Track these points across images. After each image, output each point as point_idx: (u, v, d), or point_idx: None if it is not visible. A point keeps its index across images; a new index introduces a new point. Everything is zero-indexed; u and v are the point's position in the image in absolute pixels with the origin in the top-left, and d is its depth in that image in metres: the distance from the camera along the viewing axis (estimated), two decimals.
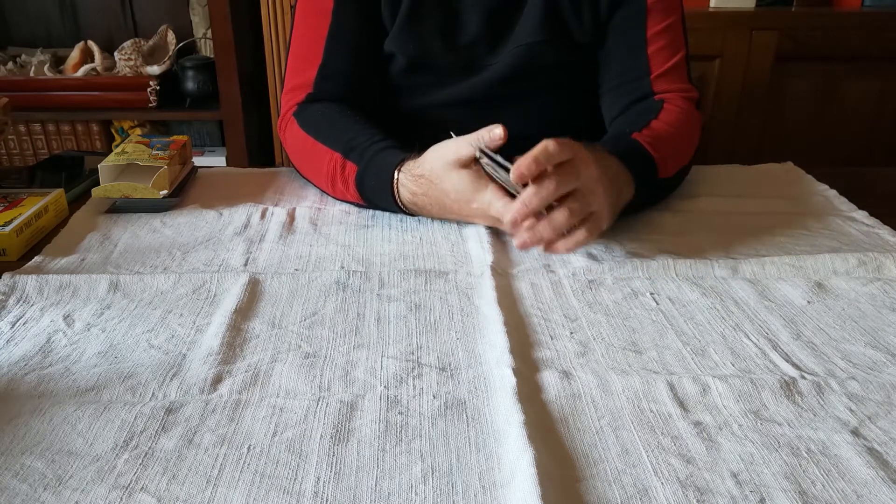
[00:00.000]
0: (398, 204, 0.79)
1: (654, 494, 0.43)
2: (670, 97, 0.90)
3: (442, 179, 0.73)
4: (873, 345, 0.59)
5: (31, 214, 0.77)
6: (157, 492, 0.43)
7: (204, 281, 0.68)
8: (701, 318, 0.63)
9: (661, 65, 0.91)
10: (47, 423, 0.49)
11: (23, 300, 0.65)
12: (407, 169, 0.77)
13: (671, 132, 0.85)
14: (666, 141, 0.83)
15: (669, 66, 0.91)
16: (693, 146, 0.89)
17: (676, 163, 0.85)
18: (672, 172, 0.84)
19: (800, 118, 1.97)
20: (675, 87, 0.91)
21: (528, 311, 0.64)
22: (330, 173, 0.83)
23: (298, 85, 0.92)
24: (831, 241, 0.76)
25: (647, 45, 0.91)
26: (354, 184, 0.81)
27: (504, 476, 0.45)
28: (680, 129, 0.86)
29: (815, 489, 0.44)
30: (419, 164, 0.75)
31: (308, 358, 0.57)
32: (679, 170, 0.86)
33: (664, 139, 0.83)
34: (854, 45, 1.89)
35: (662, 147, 0.81)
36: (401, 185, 0.77)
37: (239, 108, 1.88)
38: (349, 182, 0.81)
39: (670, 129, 0.85)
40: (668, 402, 0.51)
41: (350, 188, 0.82)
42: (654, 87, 0.91)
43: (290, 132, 0.91)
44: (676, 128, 0.86)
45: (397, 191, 0.78)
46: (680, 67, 0.93)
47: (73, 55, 1.94)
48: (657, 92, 0.91)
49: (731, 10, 1.89)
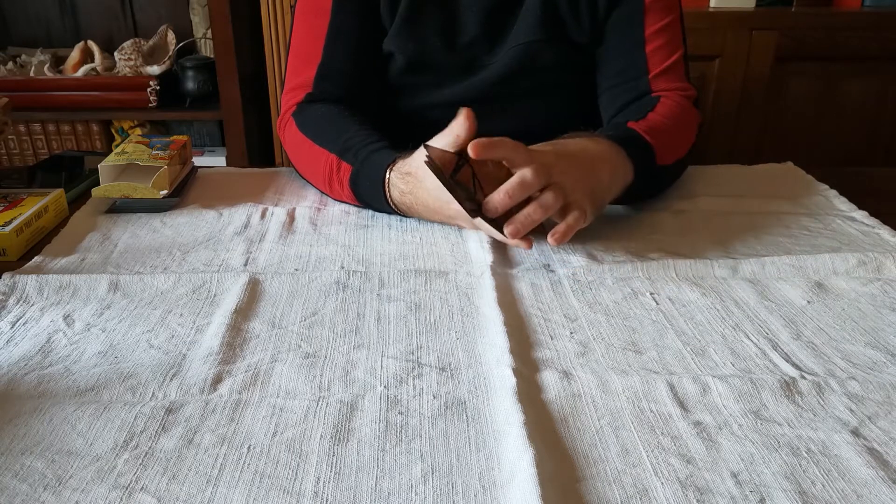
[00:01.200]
0: (390, 204, 0.78)
1: (654, 494, 0.43)
2: (668, 95, 0.90)
3: (425, 178, 0.73)
4: (873, 345, 0.59)
5: (31, 214, 0.77)
6: (157, 492, 0.43)
7: (204, 281, 0.68)
8: (701, 318, 0.63)
9: (660, 63, 0.91)
10: (47, 423, 0.49)
11: (23, 300, 0.65)
12: (397, 167, 0.76)
13: (668, 123, 0.85)
14: (663, 131, 0.83)
15: (667, 64, 0.91)
16: (690, 141, 0.89)
17: (674, 153, 0.85)
18: (670, 161, 0.84)
19: (800, 118, 1.97)
20: (674, 86, 0.91)
21: (528, 311, 0.64)
22: (327, 174, 0.83)
23: (298, 85, 0.92)
24: (831, 241, 0.76)
25: (646, 44, 0.91)
26: (349, 184, 0.81)
27: (504, 476, 0.45)
28: (677, 122, 0.87)
29: (815, 489, 0.44)
30: (408, 162, 0.75)
31: (308, 358, 0.57)
32: (677, 161, 0.86)
33: (661, 129, 0.83)
34: (854, 45, 1.89)
35: (659, 136, 0.81)
36: (391, 184, 0.77)
37: (239, 108, 1.88)
38: (344, 183, 0.82)
39: (667, 121, 0.85)
40: (668, 402, 0.51)
41: (345, 189, 0.82)
42: (653, 85, 0.91)
43: (289, 132, 0.91)
44: (673, 120, 0.86)
45: (389, 190, 0.77)
46: (678, 66, 0.93)
47: (73, 55, 1.94)
48: (655, 90, 0.91)
49: (731, 10, 1.89)
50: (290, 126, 0.91)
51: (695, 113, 0.92)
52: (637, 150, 0.78)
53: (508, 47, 0.93)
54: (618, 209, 0.84)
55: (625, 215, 0.82)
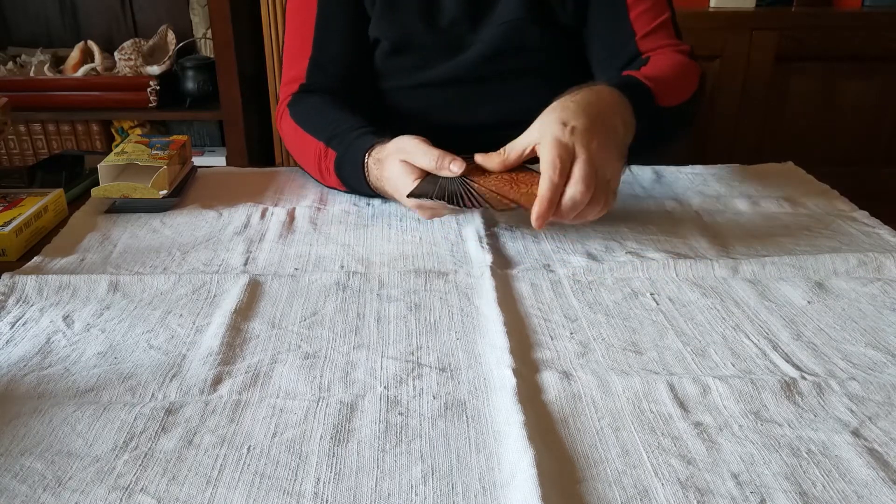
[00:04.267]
0: (370, 187, 0.81)
1: (655, 495, 0.43)
2: (659, 52, 0.90)
3: (386, 166, 0.76)
4: (873, 345, 0.59)
5: (31, 214, 0.77)
6: (157, 493, 0.43)
7: (204, 281, 0.68)
8: (701, 318, 0.63)
9: (646, 26, 0.92)
10: (47, 424, 0.49)
11: (22, 300, 0.65)
12: (374, 153, 0.79)
13: (664, 70, 0.85)
14: (658, 76, 0.82)
15: (654, 26, 0.92)
16: (690, 87, 0.88)
17: (675, 96, 0.83)
18: (673, 103, 0.82)
19: (800, 118, 1.97)
20: (663, 44, 0.91)
21: (528, 311, 0.64)
22: (316, 161, 0.86)
23: (292, 78, 0.96)
24: (831, 241, 0.76)
25: (629, 11, 0.92)
26: (335, 170, 0.84)
27: (504, 477, 0.45)
28: (673, 69, 0.86)
29: (816, 490, 0.44)
30: (383, 149, 0.78)
31: (308, 358, 0.57)
32: (680, 104, 0.84)
33: (656, 75, 0.83)
34: (854, 45, 1.89)
35: (656, 80, 0.81)
36: (369, 168, 0.80)
37: (239, 108, 1.88)
38: (331, 169, 0.85)
39: (662, 68, 0.85)
40: (669, 403, 0.51)
41: (332, 175, 0.85)
42: (641, 47, 0.91)
43: (285, 123, 0.94)
44: (669, 68, 0.86)
45: (368, 175, 0.80)
46: (666, 26, 0.93)
47: (73, 55, 1.94)
48: (645, 51, 0.91)
49: (731, 10, 1.89)
50: (285, 117, 0.94)
51: (692, 63, 0.91)
52: (636, 91, 0.77)
53: (492, 26, 0.95)
54: (619, 208, 0.83)
55: (625, 215, 0.82)
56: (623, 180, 0.93)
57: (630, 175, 0.95)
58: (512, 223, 0.81)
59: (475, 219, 0.81)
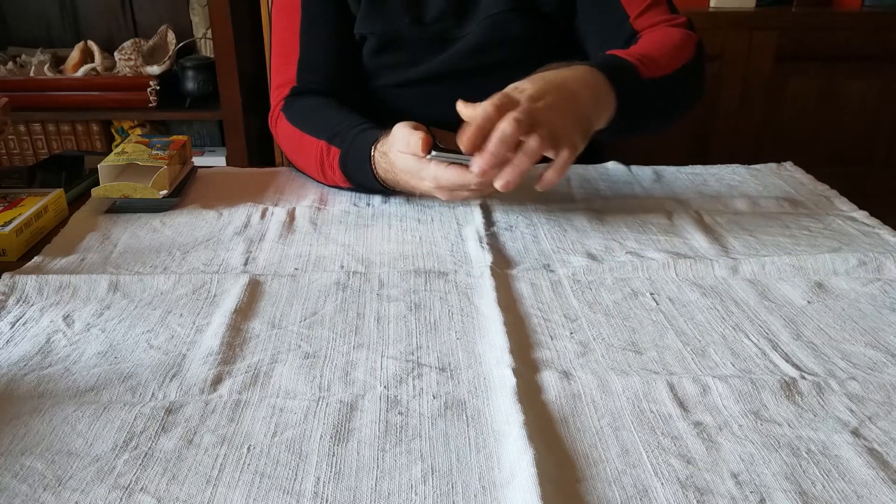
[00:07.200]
0: (378, 181, 0.81)
1: (654, 495, 0.43)
2: (652, 29, 0.90)
3: (397, 157, 0.76)
4: (873, 345, 0.59)
5: (31, 214, 0.77)
6: (157, 492, 0.43)
7: (204, 281, 0.68)
8: (701, 318, 0.63)
9: (638, 6, 0.92)
10: (47, 424, 0.49)
11: (22, 300, 0.65)
12: (379, 146, 0.79)
13: (651, 44, 0.85)
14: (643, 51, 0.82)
15: (647, 4, 0.92)
16: (684, 52, 0.87)
17: (663, 66, 0.83)
18: (660, 73, 0.82)
19: (800, 118, 1.97)
20: (658, 20, 0.91)
21: (527, 311, 0.64)
22: (318, 161, 0.86)
23: (283, 81, 0.96)
24: (831, 241, 0.76)
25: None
26: (339, 167, 0.84)
27: (504, 476, 0.45)
28: (663, 41, 0.86)
29: (816, 490, 0.44)
30: (385, 142, 0.78)
31: (308, 358, 0.57)
32: (671, 73, 0.83)
33: (640, 51, 0.82)
34: (854, 45, 1.89)
35: (640, 54, 0.81)
36: (376, 162, 0.80)
37: (239, 108, 1.88)
38: (335, 166, 0.85)
39: (649, 43, 0.85)
40: (669, 403, 0.51)
41: (336, 172, 0.85)
42: (636, 26, 0.91)
43: (281, 127, 0.94)
44: (657, 40, 0.86)
45: (375, 168, 0.80)
46: (658, 3, 0.93)
47: (73, 55, 1.94)
48: (640, 30, 0.91)
49: (731, 10, 1.89)
50: (280, 121, 0.94)
51: (686, 33, 0.89)
52: (614, 67, 0.77)
53: (478, 20, 0.95)
54: (619, 208, 0.84)
55: (625, 215, 0.82)
56: (623, 180, 0.93)
57: (630, 175, 0.95)
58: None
59: (475, 219, 0.81)
